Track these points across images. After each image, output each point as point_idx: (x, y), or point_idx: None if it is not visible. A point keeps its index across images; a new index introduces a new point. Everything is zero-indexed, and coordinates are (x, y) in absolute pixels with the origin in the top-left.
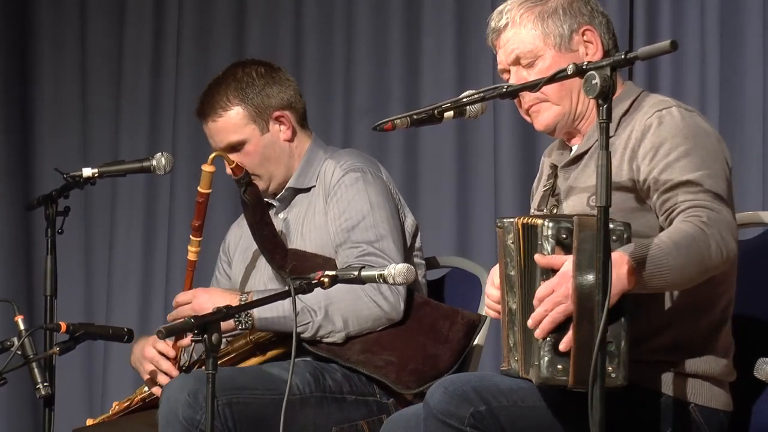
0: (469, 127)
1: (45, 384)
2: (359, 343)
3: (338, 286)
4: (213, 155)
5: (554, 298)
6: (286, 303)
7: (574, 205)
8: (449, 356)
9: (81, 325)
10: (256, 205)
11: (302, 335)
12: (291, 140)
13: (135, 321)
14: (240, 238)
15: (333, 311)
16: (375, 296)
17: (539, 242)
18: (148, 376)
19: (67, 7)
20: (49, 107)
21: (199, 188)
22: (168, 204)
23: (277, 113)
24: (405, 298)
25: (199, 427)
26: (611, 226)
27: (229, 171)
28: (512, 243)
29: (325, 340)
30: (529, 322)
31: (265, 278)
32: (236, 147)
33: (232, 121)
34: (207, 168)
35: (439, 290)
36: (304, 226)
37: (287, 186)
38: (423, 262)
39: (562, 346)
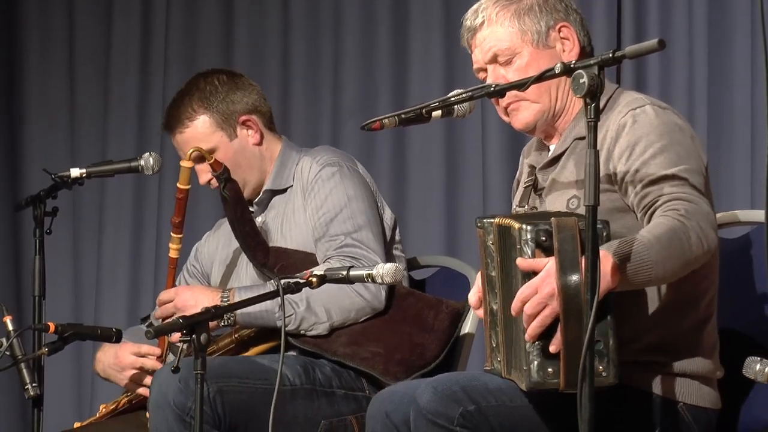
0: (457, 127)
1: (34, 385)
2: (345, 336)
3: None
4: (190, 151)
5: (538, 298)
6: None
7: (553, 206)
8: (436, 345)
9: (69, 326)
10: (237, 201)
11: (286, 328)
12: (260, 144)
13: (123, 321)
14: (216, 247)
15: (314, 302)
16: (356, 286)
17: (518, 246)
18: (129, 382)
19: (54, 6)
20: (37, 107)
21: (178, 184)
22: (156, 204)
23: (243, 118)
24: (393, 293)
25: (189, 413)
26: None
27: (207, 168)
28: (492, 244)
29: (309, 333)
30: (513, 308)
31: (248, 277)
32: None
33: (199, 130)
34: (185, 164)
35: (427, 289)
36: (284, 226)
37: (264, 189)
38: (403, 255)
39: (552, 348)
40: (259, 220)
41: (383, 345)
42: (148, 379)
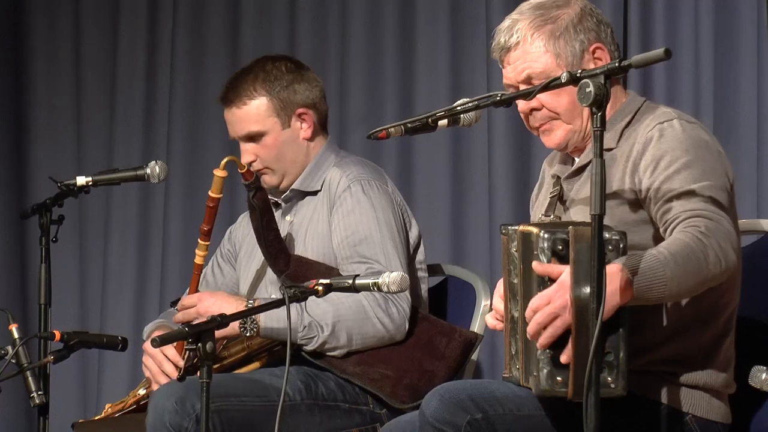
0: (463, 136)
1: (39, 393)
2: (356, 355)
3: (348, 303)
4: (225, 160)
5: (550, 309)
6: (293, 314)
7: (577, 217)
8: (445, 372)
9: (75, 334)
10: (264, 209)
11: (306, 348)
12: (310, 139)
13: (129, 329)
14: (249, 230)
15: (340, 329)
16: (383, 318)
17: (535, 252)
18: (152, 364)
19: (60, 16)
20: (43, 116)
21: (210, 193)
22: (162, 212)
23: (300, 110)
24: (410, 318)
25: None
26: (607, 235)
27: (253, 149)
28: (515, 251)
29: (326, 353)
30: (528, 334)
31: (267, 282)
32: (255, 137)
33: (255, 111)
34: (219, 173)
35: (433, 298)
36: (307, 233)
37: (292, 187)
38: (426, 275)
39: (563, 358)
40: (288, 218)
41: (393, 368)
42: (163, 379)
